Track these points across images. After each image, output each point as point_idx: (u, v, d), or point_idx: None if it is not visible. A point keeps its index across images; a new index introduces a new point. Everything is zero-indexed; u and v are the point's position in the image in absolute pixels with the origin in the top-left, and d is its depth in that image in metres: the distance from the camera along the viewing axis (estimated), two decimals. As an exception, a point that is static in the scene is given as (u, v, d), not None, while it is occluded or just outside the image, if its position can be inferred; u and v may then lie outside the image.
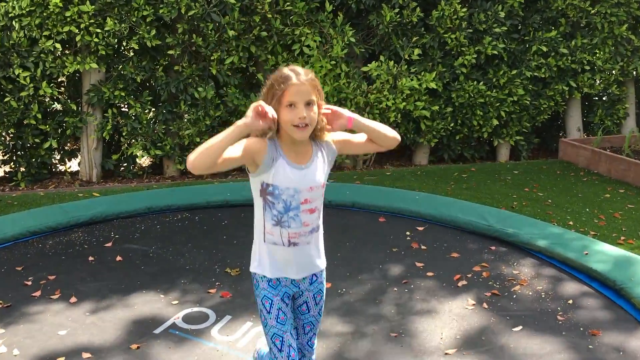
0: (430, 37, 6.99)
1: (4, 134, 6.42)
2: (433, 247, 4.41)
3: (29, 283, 3.80)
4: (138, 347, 3.11)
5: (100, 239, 4.53)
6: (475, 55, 7.08)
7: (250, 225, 2.28)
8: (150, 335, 3.23)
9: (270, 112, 2.03)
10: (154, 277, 3.92)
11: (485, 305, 3.56)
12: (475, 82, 7.14)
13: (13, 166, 6.75)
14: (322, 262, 2.32)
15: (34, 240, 4.51)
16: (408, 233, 4.67)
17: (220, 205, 5.22)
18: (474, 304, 3.57)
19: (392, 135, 2.26)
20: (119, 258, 4.18)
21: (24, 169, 6.63)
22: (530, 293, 3.71)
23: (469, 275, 3.95)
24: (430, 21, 6.96)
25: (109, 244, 4.42)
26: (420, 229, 4.76)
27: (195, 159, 1.98)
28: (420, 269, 4.05)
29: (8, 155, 6.78)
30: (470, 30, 7.04)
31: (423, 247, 4.42)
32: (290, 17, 6.56)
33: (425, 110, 7.00)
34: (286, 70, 2.08)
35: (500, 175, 6.81)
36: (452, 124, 7.31)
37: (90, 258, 4.19)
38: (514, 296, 3.67)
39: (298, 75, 2.06)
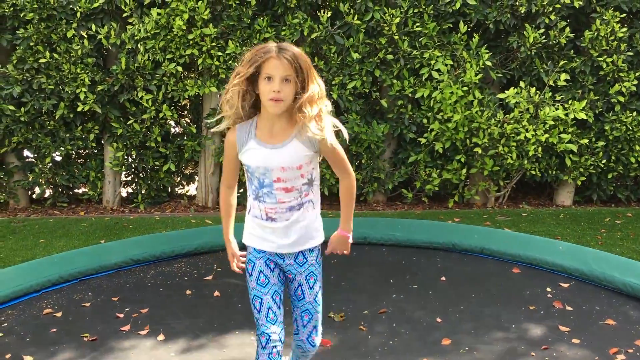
0: (580, 61, 6.13)
1: (126, 155, 6.48)
2: (581, 309, 3.62)
3: (121, 316, 3.56)
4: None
5: (202, 271, 4.25)
6: (635, 82, 6.09)
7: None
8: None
9: (234, 266, 2.46)
10: (250, 317, 3.50)
11: (653, 394, 2.75)
12: (634, 113, 6.15)
13: (135, 188, 6.81)
14: (309, 242, 2.29)
15: (136, 269, 4.33)
16: (549, 289, 3.90)
17: (330, 242, 4.76)
18: (637, 390, 2.78)
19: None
20: (216, 293, 3.85)
21: (144, 191, 6.66)
22: None
23: (630, 351, 3.13)
24: (581, 43, 6.10)
25: (209, 277, 4.12)
26: (565, 285, 3.96)
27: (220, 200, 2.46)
28: (565, 334, 3.30)
29: (131, 176, 6.86)
30: (631, 53, 6.09)
31: (568, 307, 3.64)
32: (420, 39, 6.03)
33: (572, 144, 6.10)
34: (271, 43, 2.12)
35: (664, 223, 5.73)
36: (604, 160, 6.34)
37: (188, 292, 3.90)
38: (694, 387, 2.81)
39: (281, 50, 2.09)
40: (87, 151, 6.79)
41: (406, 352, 3.10)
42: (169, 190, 7.03)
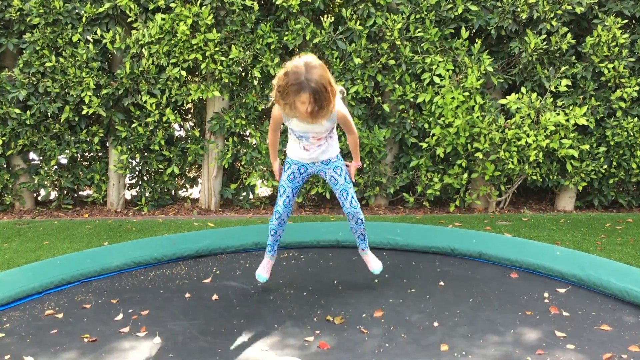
0: (582, 67, 6.15)
1: (130, 159, 6.54)
2: (577, 315, 3.63)
3: (119, 318, 3.60)
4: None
5: (201, 274, 4.29)
6: (637, 88, 6.11)
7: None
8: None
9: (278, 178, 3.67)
10: (248, 320, 3.56)
11: (645, 400, 2.76)
12: (636, 119, 6.16)
13: (138, 191, 6.87)
14: (327, 155, 3.47)
15: (137, 271, 4.38)
16: (546, 295, 3.91)
17: (331, 246, 4.80)
18: (630, 396, 2.79)
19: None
20: (215, 297, 3.88)
21: (148, 194, 6.72)
22: None
23: (624, 356, 3.13)
24: (583, 49, 6.13)
25: (208, 280, 4.15)
26: (562, 291, 3.97)
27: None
28: (560, 340, 3.30)
29: (135, 179, 6.93)
30: (633, 60, 6.11)
31: (565, 313, 3.65)
32: (421, 45, 6.07)
33: (573, 150, 6.12)
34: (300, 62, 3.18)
35: (665, 229, 5.72)
36: (604, 166, 6.35)
37: (187, 295, 3.93)
38: (687, 393, 2.83)
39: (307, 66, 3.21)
40: (91, 154, 6.86)
41: (402, 355, 3.12)
42: (173, 193, 7.09)
